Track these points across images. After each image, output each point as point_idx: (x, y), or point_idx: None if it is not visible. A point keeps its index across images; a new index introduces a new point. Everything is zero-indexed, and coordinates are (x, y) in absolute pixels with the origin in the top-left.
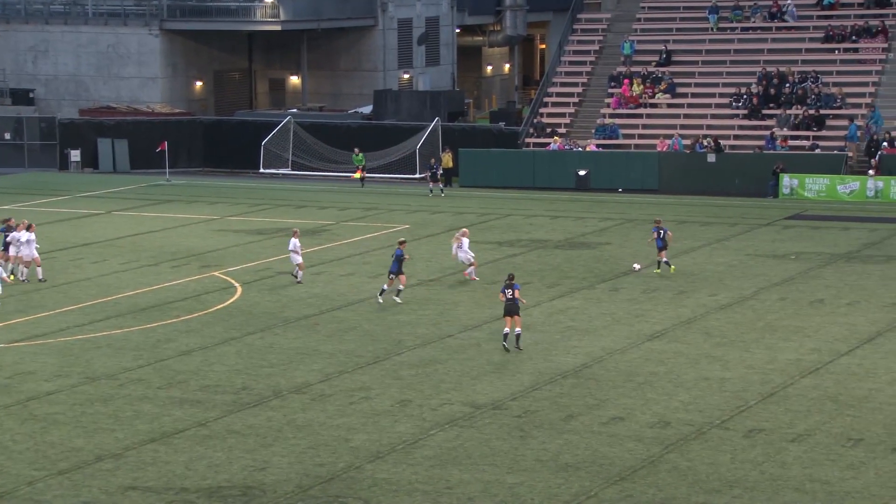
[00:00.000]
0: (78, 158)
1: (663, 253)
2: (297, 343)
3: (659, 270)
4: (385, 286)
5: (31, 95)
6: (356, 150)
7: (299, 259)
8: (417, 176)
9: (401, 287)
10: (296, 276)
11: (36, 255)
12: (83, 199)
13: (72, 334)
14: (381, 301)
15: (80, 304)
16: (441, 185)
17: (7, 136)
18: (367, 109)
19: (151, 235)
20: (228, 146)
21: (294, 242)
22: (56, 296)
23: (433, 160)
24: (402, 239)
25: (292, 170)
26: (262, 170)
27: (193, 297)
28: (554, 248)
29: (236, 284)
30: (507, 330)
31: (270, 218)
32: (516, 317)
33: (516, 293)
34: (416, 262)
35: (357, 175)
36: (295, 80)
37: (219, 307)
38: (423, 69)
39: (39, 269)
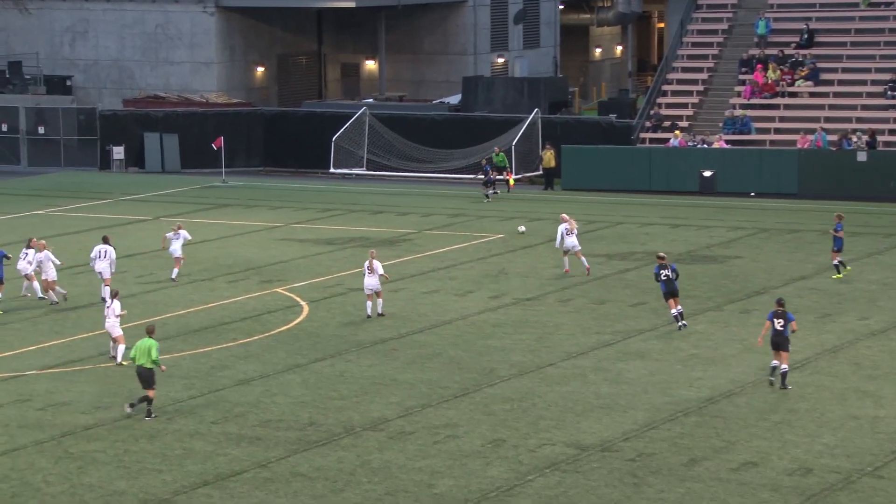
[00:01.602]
0: (121, 156)
1: (836, 255)
2: (373, 371)
3: (840, 275)
4: None
5: (67, 83)
6: (496, 148)
7: (376, 284)
8: (513, 177)
9: None
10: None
11: (50, 276)
12: (127, 202)
13: (113, 359)
14: None
15: (122, 325)
16: (489, 192)
17: (41, 130)
18: (455, 99)
19: (205, 245)
20: (293, 142)
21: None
22: (95, 315)
23: (485, 160)
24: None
25: (367, 169)
26: (332, 169)
27: (253, 318)
28: (674, 262)
29: (302, 303)
30: (775, 363)
31: (342, 225)
32: (783, 352)
33: (792, 325)
34: (511, 278)
35: (510, 180)
36: (371, 65)
37: (282, 329)
38: (520, 52)
39: (51, 292)
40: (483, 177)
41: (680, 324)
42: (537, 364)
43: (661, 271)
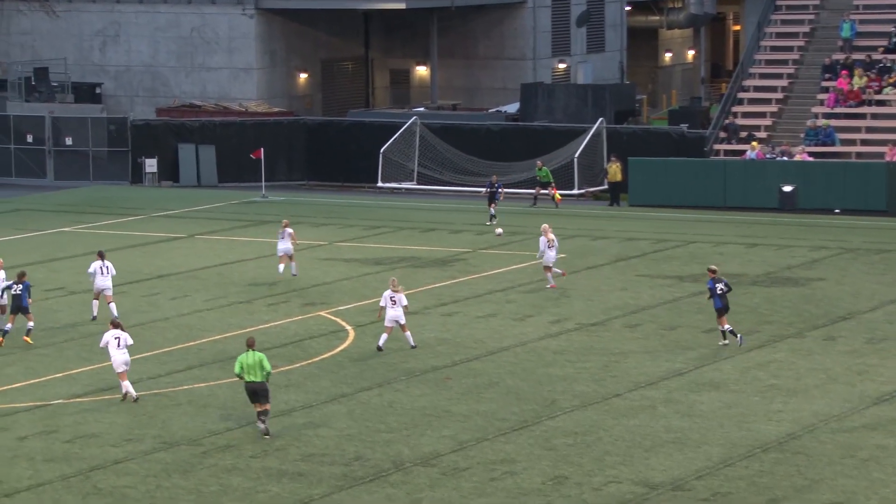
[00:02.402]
0: (154, 169)
1: None
2: (424, 402)
3: None
4: None
5: (97, 91)
6: (538, 162)
7: (399, 315)
8: (576, 192)
9: None
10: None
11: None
12: (160, 219)
13: (145, 388)
14: None
15: (154, 351)
16: (491, 214)
17: (68, 141)
18: (513, 108)
19: (243, 265)
20: (338, 154)
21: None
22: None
23: (494, 177)
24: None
25: (418, 183)
26: (380, 184)
27: (294, 343)
28: (751, 285)
29: (348, 327)
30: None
31: (390, 244)
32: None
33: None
34: (574, 301)
35: (556, 195)
36: (422, 71)
37: (325, 356)
38: (583, 57)
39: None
40: (488, 193)
41: (739, 338)
42: (602, 395)
43: (717, 285)
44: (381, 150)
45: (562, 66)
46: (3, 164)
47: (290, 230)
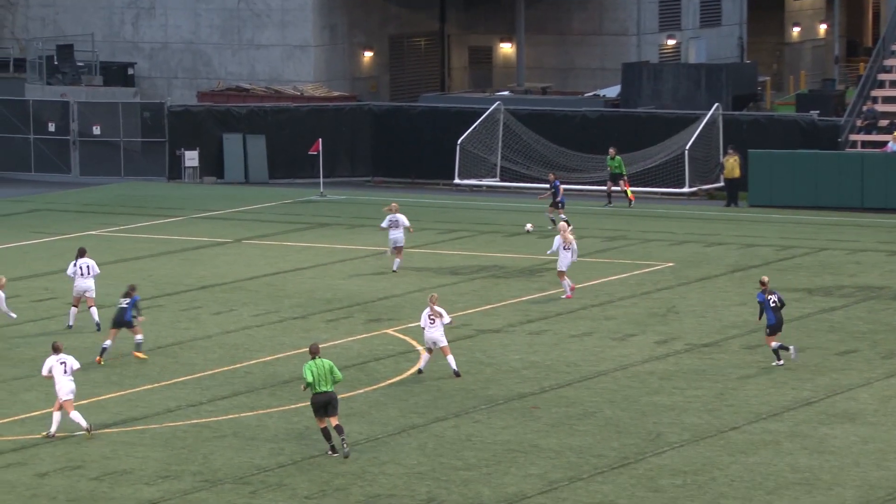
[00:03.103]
0: (195, 163)
1: None
2: (508, 435)
3: None
4: None
5: (129, 72)
6: (611, 150)
7: (439, 336)
8: (686, 190)
9: None
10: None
11: None
12: (201, 220)
13: (184, 417)
14: None
15: (195, 374)
16: (549, 217)
17: (96, 130)
18: (613, 92)
19: (298, 275)
20: (409, 145)
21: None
22: (162, 361)
23: (552, 175)
24: None
25: (501, 180)
26: (457, 180)
27: (357, 366)
28: (892, 300)
29: (419, 347)
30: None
31: (469, 251)
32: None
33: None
34: (684, 318)
35: (628, 191)
36: (506, 48)
37: (393, 380)
38: (696, 32)
39: None
40: (550, 190)
41: (792, 350)
42: (717, 427)
43: (769, 297)
44: (459, 141)
45: (671, 42)
46: (21, 157)
47: (401, 216)
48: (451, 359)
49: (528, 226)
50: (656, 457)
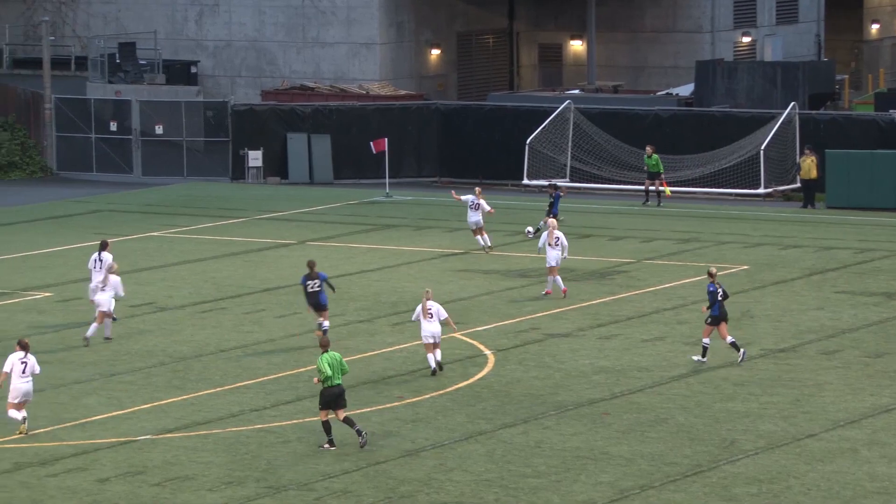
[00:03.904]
0: (259, 163)
1: None
2: (578, 441)
3: None
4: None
5: (192, 70)
6: (648, 149)
7: (438, 331)
8: (762, 191)
9: None
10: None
11: None
12: (265, 222)
13: (248, 422)
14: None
15: (258, 378)
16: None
17: (158, 129)
18: (686, 90)
19: (363, 277)
20: (476, 145)
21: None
22: (225, 365)
23: (552, 182)
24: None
25: (571, 181)
26: (525, 181)
27: (423, 370)
28: None
29: (487, 352)
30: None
31: (537, 253)
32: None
33: None
34: (759, 322)
35: (666, 189)
36: (577, 46)
37: (460, 385)
38: (771, 29)
39: None
40: (549, 191)
41: (742, 353)
42: (793, 435)
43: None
44: (528, 140)
45: (746, 39)
46: (83, 157)
47: (483, 201)
48: (438, 353)
49: (529, 228)
50: (730, 465)
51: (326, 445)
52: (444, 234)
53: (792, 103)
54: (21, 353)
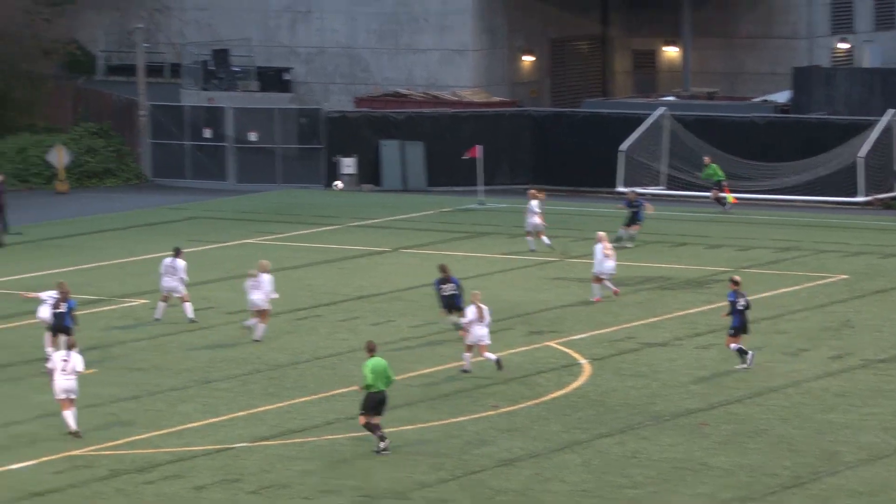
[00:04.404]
0: (352, 170)
1: None
2: (675, 452)
3: None
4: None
5: (285, 77)
6: (706, 159)
7: (485, 335)
8: (861, 199)
9: None
10: None
11: None
12: (359, 229)
13: (343, 430)
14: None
15: (353, 386)
16: (627, 234)
17: (252, 136)
18: (782, 97)
19: None
20: (571, 152)
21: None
22: (320, 372)
23: (631, 192)
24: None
25: (667, 188)
26: (619, 188)
27: (518, 379)
28: None
29: (582, 360)
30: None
31: (633, 261)
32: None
33: None
34: (860, 332)
35: (729, 197)
36: (671, 52)
37: (556, 394)
38: (870, 35)
39: None
40: (628, 211)
41: (750, 355)
42: (895, 447)
43: (738, 299)
44: (622, 147)
45: (843, 46)
46: (177, 164)
47: (535, 202)
48: (489, 355)
49: (338, 183)
50: (831, 477)
51: (382, 445)
52: (539, 241)
53: (891, 110)
54: (64, 352)
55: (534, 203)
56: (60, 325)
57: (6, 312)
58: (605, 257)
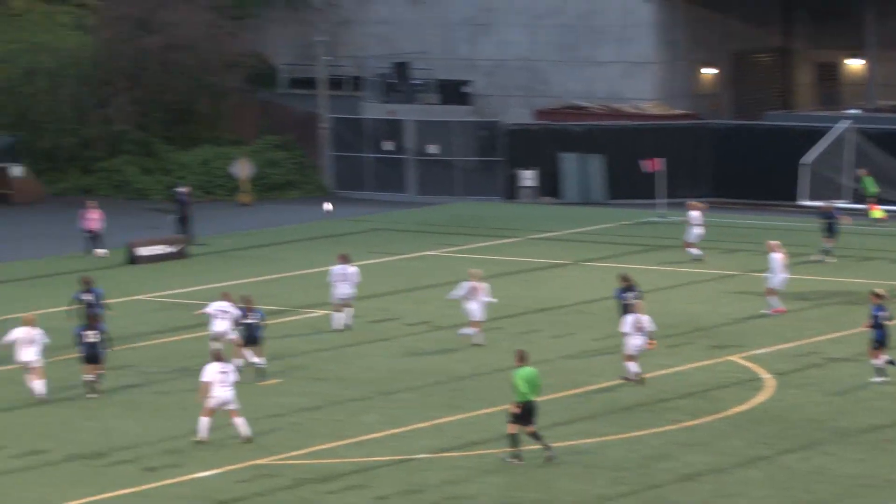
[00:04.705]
0: (533, 182)
1: None
2: (860, 468)
3: None
4: None
5: (465, 90)
6: (861, 171)
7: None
8: (879, 208)
9: None
10: None
11: None
12: (539, 241)
13: (523, 442)
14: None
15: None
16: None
17: (433, 149)
18: None
19: None
20: (752, 165)
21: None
22: (501, 384)
23: (826, 205)
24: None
25: (852, 201)
26: (801, 201)
27: (699, 393)
28: None
29: (765, 375)
30: None
31: (818, 275)
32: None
33: None
34: None
35: (877, 212)
36: (855, 65)
37: (738, 409)
38: None
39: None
40: (824, 209)
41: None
42: None
43: (881, 313)
44: (804, 160)
45: None
46: (358, 176)
47: (696, 213)
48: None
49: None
50: None
51: (513, 460)
52: (720, 255)
53: None
54: (219, 365)
55: (694, 214)
56: (251, 336)
57: (189, 323)
58: (783, 267)
